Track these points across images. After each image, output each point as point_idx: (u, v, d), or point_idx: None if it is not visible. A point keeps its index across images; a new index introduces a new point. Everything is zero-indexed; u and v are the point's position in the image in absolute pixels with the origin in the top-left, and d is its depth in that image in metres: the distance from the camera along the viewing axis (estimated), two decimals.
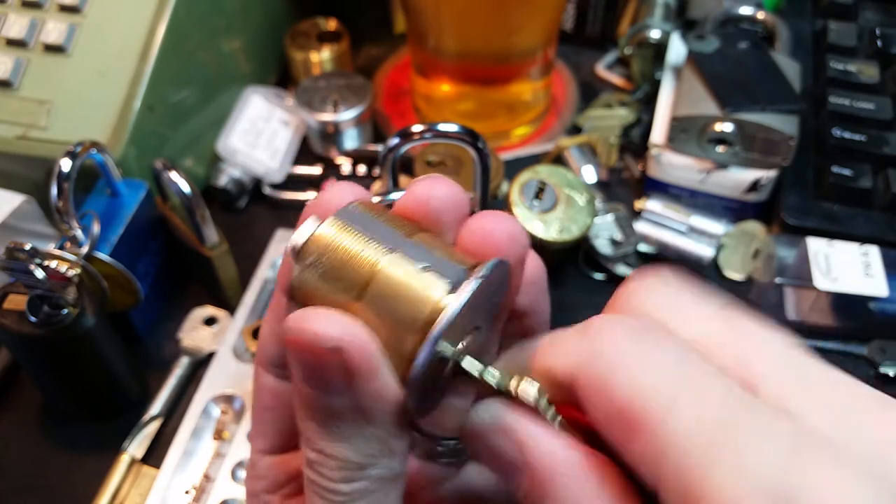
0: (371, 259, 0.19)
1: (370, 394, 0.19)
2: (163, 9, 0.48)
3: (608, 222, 0.50)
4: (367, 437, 0.20)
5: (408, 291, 0.19)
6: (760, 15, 0.58)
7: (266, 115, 0.58)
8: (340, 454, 0.20)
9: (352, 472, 0.20)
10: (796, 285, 0.46)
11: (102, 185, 0.45)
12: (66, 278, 0.39)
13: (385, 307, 0.19)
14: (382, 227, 0.20)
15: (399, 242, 0.20)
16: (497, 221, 0.21)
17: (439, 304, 0.19)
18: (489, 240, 0.21)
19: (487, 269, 0.19)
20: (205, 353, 0.47)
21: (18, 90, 0.47)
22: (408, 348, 0.19)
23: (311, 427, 0.20)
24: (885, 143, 0.51)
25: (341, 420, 0.19)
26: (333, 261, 0.20)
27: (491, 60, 0.56)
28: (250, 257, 0.51)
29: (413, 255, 0.19)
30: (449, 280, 0.19)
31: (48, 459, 0.44)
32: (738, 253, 0.51)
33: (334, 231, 0.20)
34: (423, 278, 0.19)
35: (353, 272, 0.19)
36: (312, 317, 0.19)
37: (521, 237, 0.21)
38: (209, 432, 0.44)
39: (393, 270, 0.19)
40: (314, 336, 0.18)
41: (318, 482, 0.20)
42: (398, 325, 0.19)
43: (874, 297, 0.45)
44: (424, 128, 0.32)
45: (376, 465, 0.20)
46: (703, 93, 0.50)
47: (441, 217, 0.21)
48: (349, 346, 0.18)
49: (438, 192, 0.21)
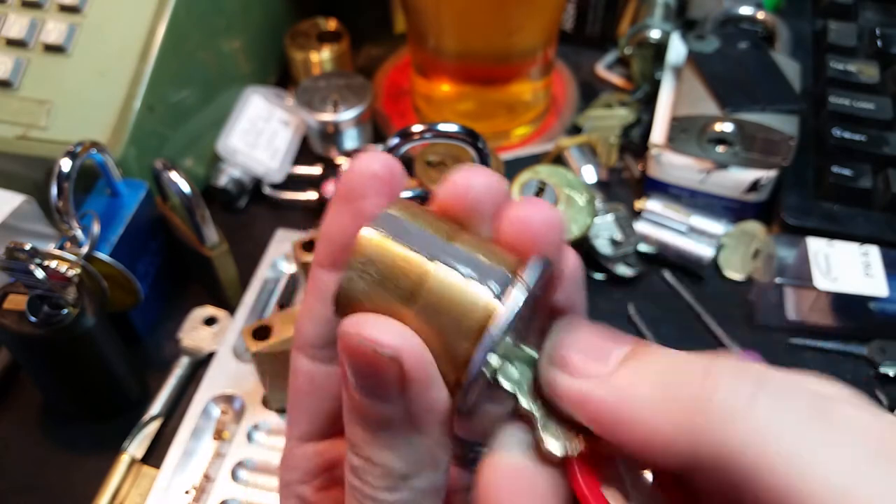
0: (417, 268, 0.20)
1: (424, 403, 0.19)
2: (163, 9, 0.48)
3: (608, 222, 0.50)
4: (415, 446, 0.20)
5: (455, 301, 0.19)
6: (760, 15, 0.58)
7: (266, 115, 0.58)
8: (387, 462, 0.20)
9: (396, 481, 0.20)
10: (796, 285, 0.46)
11: (102, 185, 0.45)
12: (66, 278, 0.39)
13: (433, 317, 0.19)
14: (423, 232, 0.20)
15: (442, 248, 0.20)
16: (534, 209, 0.21)
17: (488, 313, 0.19)
18: (528, 228, 0.21)
19: (535, 274, 0.19)
20: (205, 353, 0.47)
21: (18, 90, 0.47)
22: (458, 357, 0.19)
23: (358, 433, 0.20)
24: (885, 143, 0.51)
25: (391, 428, 0.19)
26: (379, 272, 0.20)
27: (491, 60, 0.56)
28: (250, 257, 0.51)
29: (457, 261, 0.20)
30: (495, 286, 0.19)
31: (48, 459, 0.44)
32: (738, 253, 0.51)
33: (378, 238, 0.20)
34: (469, 286, 0.19)
35: (399, 283, 0.20)
36: (370, 323, 0.19)
37: (558, 223, 0.21)
38: (209, 432, 0.44)
39: (439, 280, 0.19)
40: (372, 343, 0.18)
41: (362, 489, 0.20)
42: (447, 335, 0.19)
43: (874, 297, 0.45)
44: (424, 128, 0.32)
45: (420, 476, 0.20)
46: (703, 93, 0.50)
47: (480, 207, 0.21)
48: (407, 355, 0.18)
49: (476, 182, 0.21)
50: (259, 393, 0.44)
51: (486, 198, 0.21)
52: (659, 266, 0.52)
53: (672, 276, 0.51)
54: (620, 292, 0.51)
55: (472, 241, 0.20)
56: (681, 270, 0.51)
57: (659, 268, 0.52)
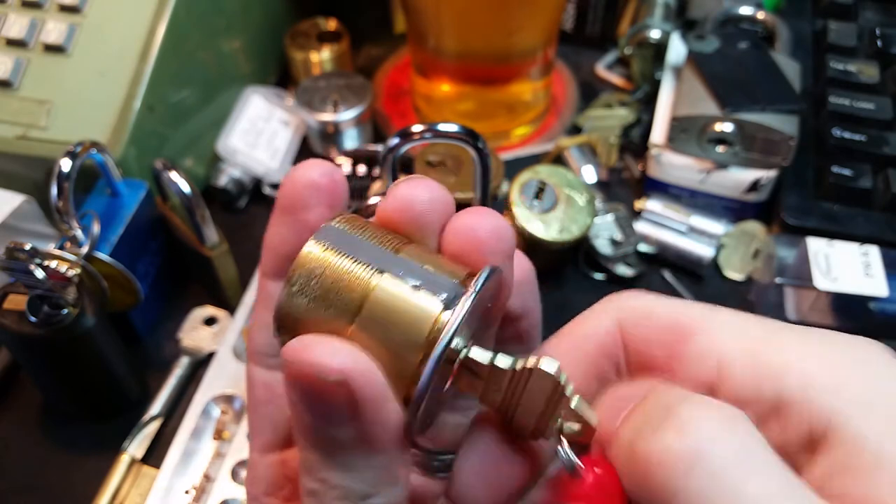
0: (362, 281, 0.19)
1: (378, 423, 0.18)
2: (163, 9, 0.48)
3: (608, 222, 0.50)
4: (373, 465, 0.19)
5: (403, 313, 0.18)
6: (760, 15, 0.58)
7: (266, 115, 0.58)
8: (345, 484, 0.19)
9: (354, 502, 0.19)
10: (796, 285, 0.46)
11: (102, 185, 0.45)
12: (66, 278, 0.39)
13: (381, 330, 0.18)
14: (368, 244, 0.20)
15: (387, 260, 0.19)
16: (479, 218, 0.20)
17: (437, 324, 0.18)
18: (473, 239, 0.20)
19: (481, 282, 0.19)
20: (205, 353, 0.47)
21: (18, 90, 0.47)
22: (408, 370, 0.18)
23: (312, 457, 0.19)
24: (885, 143, 0.51)
25: (345, 450, 0.19)
26: (322, 286, 0.19)
27: (491, 60, 0.56)
28: (250, 257, 0.51)
29: (403, 272, 0.19)
30: (443, 296, 0.19)
31: (48, 459, 0.44)
32: (738, 253, 0.51)
33: (319, 253, 0.19)
34: (417, 297, 0.19)
35: (344, 297, 0.19)
36: (313, 346, 0.18)
37: (505, 232, 0.20)
38: (209, 432, 0.44)
39: (385, 292, 0.19)
40: (316, 367, 0.17)
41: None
42: (396, 348, 0.18)
43: (874, 297, 0.45)
44: (424, 128, 0.32)
45: (380, 494, 0.19)
46: (703, 93, 0.50)
47: (425, 220, 0.20)
48: (355, 376, 0.17)
49: (421, 194, 0.20)
50: None
51: (430, 210, 0.20)
52: (659, 266, 0.52)
53: (672, 276, 0.51)
54: None
55: (419, 253, 0.20)
56: (681, 270, 0.51)
57: (659, 268, 0.52)
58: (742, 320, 0.19)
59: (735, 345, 0.18)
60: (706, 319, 0.19)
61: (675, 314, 0.19)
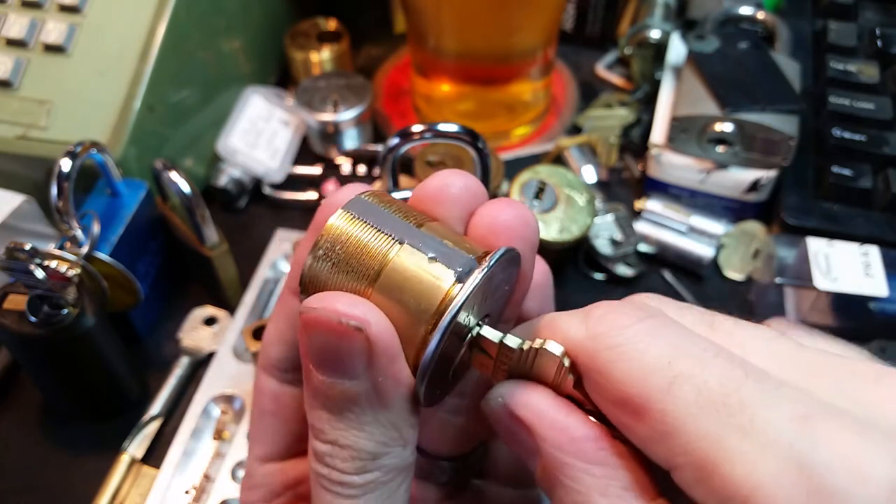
0: (382, 249, 0.20)
1: (391, 376, 0.19)
2: (163, 9, 0.48)
3: (608, 222, 0.50)
4: (382, 423, 0.20)
5: (417, 282, 0.19)
6: (760, 15, 0.58)
7: (266, 115, 0.58)
8: (355, 443, 0.20)
9: (365, 462, 0.20)
10: (796, 285, 0.46)
11: (102, 185, 0.45)
12: (66, 278, 0.39)
13: (396, 297, 0.19)
14: (392, 217, 0.21)
15: (409, 232, 0.20)
16: (506, 207, 0.21)
17: (449, 293, 0.19)
18: (497, 224, 0.21)
19: (495, 257, 0.20)
20: (205, 353, 0.47)
21: (18, 90, 0.47)
22: (419, 336, 0.19)
23: (323, 417, 0.20)
24: (885, 143, 0.51)
25: (357, 406, 0.19)
26: (345, 252, 0.20)
27: (491, 60, 0.56)
28: (250, 257, 0.51)
29: (422, 244, 0.20)
30: (457, 269, 0.19)
31: (48, 459, 0.44)
32: (738, 253, 0.51)
33: (345, 222, 0.20)
34: (431, 268, 0.19)
35: (364, 262, 0.20)
36: (335, 298, 0.19)
37: (530, 222, 0.21)
38: (209, 432, 0.44)
39: (403, 261, 0.20)
40: (338, 314, 0.18)
41: (329, 476, 0.20)
42: (409, 315, 0.19)
43: (874, 297, 0.45)
44: (424, 128, 0.32)
45: (389, 454, 0.20)
46: (703, 93, 0.50)
47: (456, 206, 0.22)
48: (372, 326, 0.18)
49: (456, 181, 0.22)
50: None
51: (463, 197, 0.22)
52: (659, 266, 0.52)
53: (672, 276, 0.51)
54: (620, 292, 0.50)
55: (441, 230, 0.21)
56: (681, 270, 0.51)
57: (659, 268, 0.52)
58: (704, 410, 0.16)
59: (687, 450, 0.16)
60: (662, 403, 0.16)
61: (625, 386, 0.17)
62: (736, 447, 0.15)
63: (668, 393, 0.16)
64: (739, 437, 0.15)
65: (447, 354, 0.20)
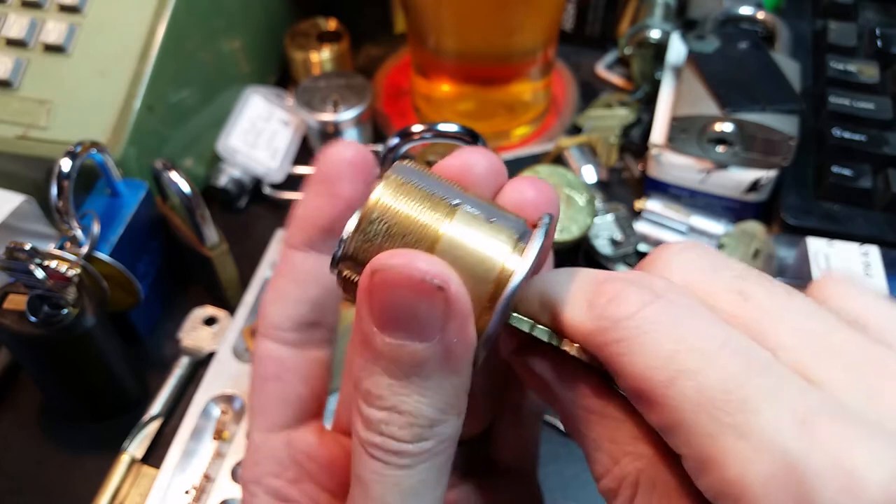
0: (439, 213, 0.19)
1: (462, 339, 0.18)
2: (163, 9, 0.48)
3: (608, 222, 0.50)
4: (446, 389, 0.19)
5: (481, 242, 0.19)
6: (760, 15, 0.58)
7: (266, 115, 0.58)
8: (416, 409, 0.19)
9: (423, 429, 0.19)
10: (796, 285, 0.46)
11: (102, 185, 0.45)
12: (66, 278, 0.39)
13: (459, 258, 0.19)
14: (438, 182, 0.20)
15: (461, 196, 0.20)
16: (531, 185, 0.22)
17: (511, 257, 0.19)
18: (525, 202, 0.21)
19: (548, 221, 0.20)
20: (205, 353, 0.47)
21: (18, 90, 0.47)
22: (484, 299, 0.19)
23: (383, 383, 0.19)
24: (885, 143, 0.51)
25: (424, 370, 0.19)
26: (399, 217, 0.19)
27: (491, 60, 0.56)
28: (250, 257, 0.51)
29: (476, 208, 0.20)
30: (516, 230, 0.19)
31: (48, 459, 0.44)
32: (738, 253, 0.51)
33: (396, 186, 0.20)
34: (492, 230, 0.19)
35: (421, 226, 0.19)
36: (413, 256, 0.18)
37: (555, 200, 0.22)
38: (209, 432, 0.44)
39: (462, 223, 0.19)
40: (420, 273, 0.17)
41: (384, 445, 0.19)
42: (472, 277, 0.19)
43: None
44: (424, 128, 0.32)
45: (446, 423, 0.19)
46: (703, 93, 0.50)
47: (479, 186, 0.21)
48: (453, 285, 0.18)
49: (480, 161, 0.22)
50: None
51: (488, 177, 0.22)
52: None
53: None
54: None
55: (482, 195, 0.21)
56: None
57: None
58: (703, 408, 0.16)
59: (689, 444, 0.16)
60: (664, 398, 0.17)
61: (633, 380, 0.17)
62: (731, 447, 0.15)
63: (670, 389, 0.16)
64: (735, 437, 0.15)
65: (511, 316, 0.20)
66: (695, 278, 0.19)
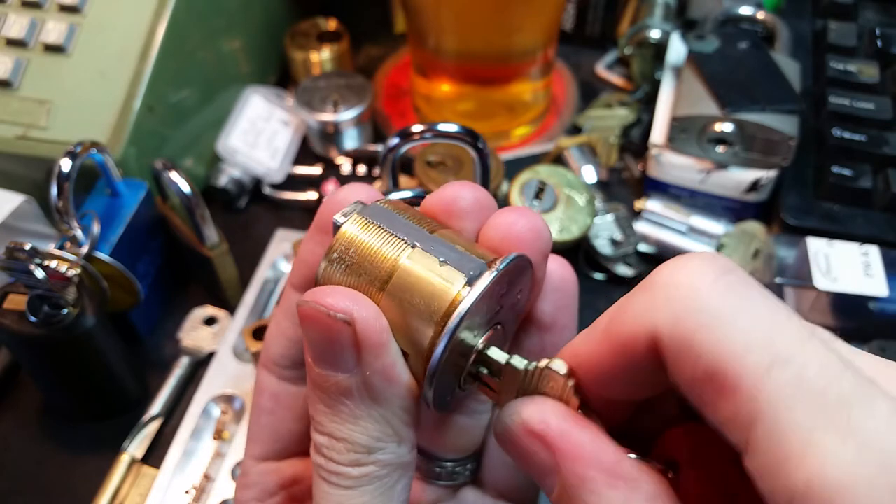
0: (393, 253, 0.20)
1: (378, 370, 0.19)
2: (163, 9, 0.48)
3: (608, 222, 0.50)
4: (375, 418, 0.20)
5: (427, 284, 0.19)
6: (760, 15, 0.58)
7: (266, 115, 0.58)
8: (350, 436, 0.20)
9: (360, 455, 0.20)
10: (796, 285, 0.46)
11: (102, 185, 0.45)
12: (66, 278, 0.39)
13: (405, 299, 0.20)
14: (405, 222, 0.21)
15: (420, 237, 0.20)
16: (519, 216, 0.21)
17: (458, 297, 0.19)
18: (510, 232, 0.21)
19: (505, 262, 0.20)
20: (205, 353, 0.47)
21: (18, 90, 0.47)
22: (428, 339, 0.19)
23: (321, 410, 0.20)
24: (885, 143, 0.51)
25: (350, 399, 0.20)
26: (357, 255, 0.20)
27: (491, 60, 0.56)
28: (250, 257, 0.51)
29: (433, 249, 0.20)
30: (467, 273, 0.19)
31: (48, 459, 0.44)
32: (738, 253, 0.51)
33: (359, 227, 0.21)
34: (441, 272, 0.20)
35: (376, 265, 0.20)
36: (327, 292, 0.19)
37: (543, 232, 0.21)
38: (209, 432, 0.44)
39: (413, 264, 0.20)
40: (327, 307, 0.19)
41: (327, 467, 0.20)
42: (418, 317, 0.19)
43: (874, 297, 0.45)
44: (424, 128, 0.32)
45: (384, 450, 0.20)
46: (703, 93, 0.50)
47: (466, 219, 0.22)
48: (359, 319, 0.19)
49: (466, 194, 0.22)
50: None
51: (473, 210, 0.22)
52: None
53: None
54: (620, 292, 0.50)
55: (454, 236, 0.21)
56: None
57: None
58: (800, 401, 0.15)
59: (772, 437, 0.15)
60: (756, 385, 0.15)
61: (717, 361, 0.16)
62: (828, 444, 0.14)
63: (766, 376, 0.15)
64: (833, 434, 0.14)
65: (456, 362, 0.20)
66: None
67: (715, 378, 0.16)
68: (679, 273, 0.17)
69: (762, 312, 0.16)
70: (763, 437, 0.15)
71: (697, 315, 0.16)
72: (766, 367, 0.15)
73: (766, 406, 0.15)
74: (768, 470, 0.15)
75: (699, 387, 0.16)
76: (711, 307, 0.16)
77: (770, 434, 0.15)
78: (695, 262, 0.17)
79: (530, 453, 0.19)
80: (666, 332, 0.16)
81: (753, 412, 0.15)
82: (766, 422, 0.15)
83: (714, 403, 0.16)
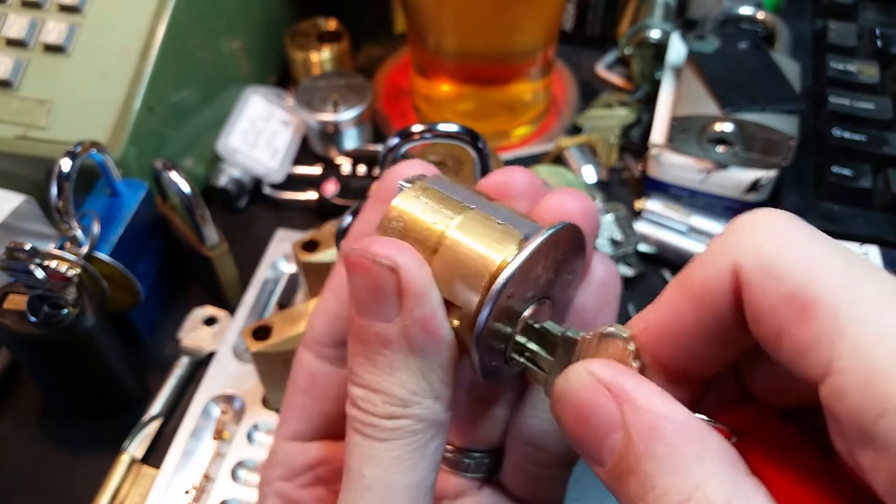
0: (450, 212, 0.20)
1: (418, 320, 0.19)
2: (163, 9, 0.48)
3: (608, 222, 0.50)
4: (413, 371, 0.20)
5: (483, 238, 0.20)
6: (760, 15, 0.58)
7: (266, 115, 0.58)
8: (386, 388, 0.20)
9: (396, 408, 0.20)
10: None
11: (102, 185, 0.45)
12: (66, 278, 0.39)
13: (462, 255, 0.20)
14: (464, 191, 0.21)
15: (479, 201, 0.21)
16: (571, 196, 0.22)
17: (518, 248, 0.19)
18: (562, 212, 0.21)
19: (560, 225, 0.20)
20: (205, 353, 0.47)
21: (18, 90, 0.47)
22: (479, 293, 0.19)
23: (359, 361, 0.21)
24: (885, 143, 0.51)
25: (389, 349, 0.20)
26: (415, 216, 0.21)
27: (491, 60, 0.56)
28: (250, 257, 0.51)
29: (491, 211, 0.20)
30: (523, 231, 0.20)
31: (48, 459, 0.44)
32: None
33: (420, 190, 0.21)
34: (499, 228, 0.20)
35: (431, 224, 0.20)
36: (374, 241, 0.20)
37: (594, 213, 0.22)
38: (209, 432, 0.44)
39: (470, 223, 0.20)
40: (373, 255, 0.19)
41: (361, 418, 0.20)
42: (472, 273, 0.20)
43: None
44: (424, 128, 0.32)
45: (420, 405, 0.20)
46: (703, 93, 0.50)
47: (520, 198, 0.22)
48: (403, 265, 0.19)
49: (519, 176, 0.22)
50: (259, 393, 0.44)
51: (528, 190, 0.22)
52: (659, 266, 0.52)
53: (672, 276, 0.51)
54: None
55: (507, 204, 0.21)
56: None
57: (659, 268, 0.52)
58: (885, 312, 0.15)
59: (857, 352, 0.15)
60: (838, 303, 0.15)
61: (801, 282, 0.16)
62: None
63: (850, 289, 0.15)
64: None
65: (503, 330, 0.20)
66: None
67: (797, 298, 0.16)
68: (756, 215, 0.18)
69: (834, 243, 0.17)
70: (848, 352, 0.15)
71: (778, 240, 0.17)
72: (849, 282, 0.15)
73: (852, 321, 0.15)
74: (854, 387, 0.14)
75: (781, 312, 0.16)
76: (791, 235, 0.17)
77: (856, 347, 0.15)
78: (767, 210, 0.18)
79: (593, 408, 0.18)
80: (748, 260, 0.17)
81: (838, 328, 0.15)
82: (851, 336, 0.15)
83: (796, 327, 0.16)
